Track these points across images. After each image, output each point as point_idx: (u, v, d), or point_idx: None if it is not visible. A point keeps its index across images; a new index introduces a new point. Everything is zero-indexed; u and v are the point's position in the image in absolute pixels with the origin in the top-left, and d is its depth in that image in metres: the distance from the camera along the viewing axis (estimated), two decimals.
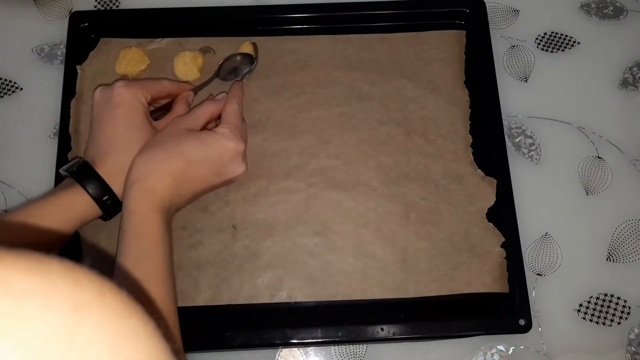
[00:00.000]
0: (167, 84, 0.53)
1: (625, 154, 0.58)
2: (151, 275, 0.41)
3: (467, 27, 0.60)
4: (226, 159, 0.48)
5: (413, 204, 0.53)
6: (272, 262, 0.51)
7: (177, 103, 0.53)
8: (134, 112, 0.48)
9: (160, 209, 0.43)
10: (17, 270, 0.17)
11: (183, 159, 0.46)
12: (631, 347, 0.51)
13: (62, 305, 0.17)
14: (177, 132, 0.48)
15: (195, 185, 0.47)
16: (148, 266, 0.41)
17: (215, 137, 0.48)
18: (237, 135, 0.49)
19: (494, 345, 0.52)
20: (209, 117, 0.51)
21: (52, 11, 0.62)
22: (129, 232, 0.42)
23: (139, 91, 0.49)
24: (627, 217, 0.55)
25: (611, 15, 0.63)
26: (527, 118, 0.59)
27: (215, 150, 0.47)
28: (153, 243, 0.42)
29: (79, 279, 0.18)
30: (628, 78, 0.61)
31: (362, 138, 0.55)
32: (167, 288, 0.41)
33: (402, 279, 0.51)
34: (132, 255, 0.41)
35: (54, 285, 0.17)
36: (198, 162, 0.47)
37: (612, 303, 0.53)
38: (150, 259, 0.42)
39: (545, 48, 0.62)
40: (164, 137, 0.48)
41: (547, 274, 0.54)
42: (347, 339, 0.49)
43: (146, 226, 0.42)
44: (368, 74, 0.57)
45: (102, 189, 0.45)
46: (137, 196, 0.43)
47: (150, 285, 0.40)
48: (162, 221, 0.43)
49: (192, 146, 0.47)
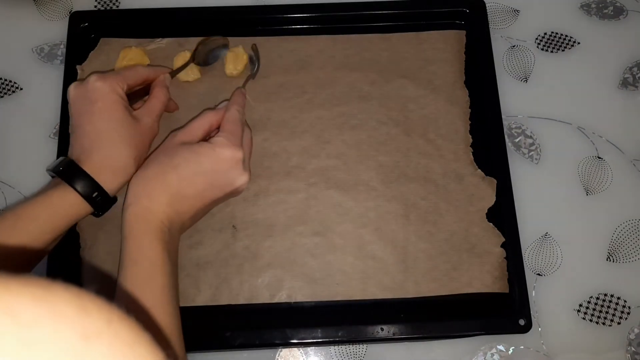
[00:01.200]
0: (142, 70, 0.52)
1: (625, 154, 0.58)
2: (151, 300, 0.40)
3: (467, 27, 0.60)
4: (223, 169, 0.46)
5: (413, 204, 0.53)
6: (272, 262, 0.51)
7: (155, 87, 0.52)
8: (113, 105, 0.47)
9: (156, 231, 0.42)
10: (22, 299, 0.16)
11: (175, 174, 0.44)
12: (631, 347, 0.51)
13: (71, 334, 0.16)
14: (170, 147, 0.47)
15: (194, 201, 0.45)
16: (147, 291, 0.40)
17: (208, 147, 0.45)
18: (233, 142, 0.46)
19: (494, 345, 0.52)
20: (207, 128, 0.49)
21: (52, 11, 0.62)
22: (126, 257, 0.41)
23: (114, 83, 0.48)
24: (627, 217, 0.55)
25: (611, 15, 0.63)
26: (527, 118, 0.59)
27: (209, 162, 0.45)
28: (150, 268, 0.41)
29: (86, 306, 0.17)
30: (628, 78, 0.61)
31: (362, 138, 0.55)
32: (167, 311, 0.40)
33: (402, 279, 0.51)
34: (130, 280, 0.40)
35: (61, 314, 0.17)
36: (191, 175, 0.45)
37: (612, 303, 0.53)
38: (149, 284, 0.40)
39: (545, 48, 0.62)
40: (157, 154, 0.47)
41: (547, 274, 0.54)
42: (347, 339, 0.49)
43: (143, 251, 0.41)
44: (368, 74, 0.57)
45: (90, 186, 0.45)
46: (131, 219, 0.42)
47: (150, 309, 0.39)
48: (159, 244, 0.41)
49: (183, 159, 0.45)
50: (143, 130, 0.49)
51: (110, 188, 0.46)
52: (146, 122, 0.49)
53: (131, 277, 0.40)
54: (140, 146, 0.48)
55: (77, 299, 0.17)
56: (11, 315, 0.16)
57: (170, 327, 0.40)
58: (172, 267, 0.43)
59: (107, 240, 0.51)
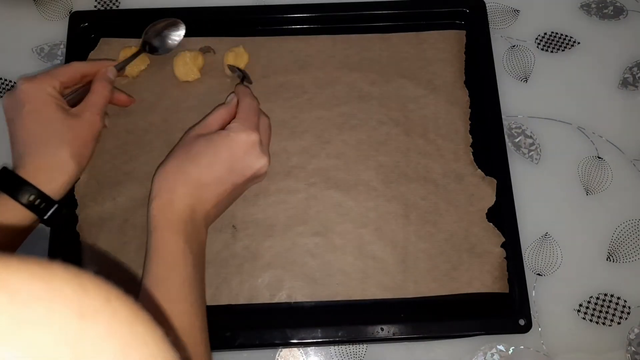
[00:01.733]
0: (78, 65, 0.51)
1: (625, 154, 0.58)
2: (171, 293, 0.40)
3: (467, 27, 0.60)
4: (239, 153, 0.46)
5: (413, 204, 0.53)
6: (272, 262, 0.51)
7: (95, 81, 0.51)
8: (42, 105, 0.47)
9: (178, 222, 0.42)
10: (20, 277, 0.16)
11: (194, 164, 0.45)
12: (631, 347, 0.51)
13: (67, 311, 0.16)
14: (188, 141, 0.47)
15: (215, 189, 0.45)
16: (168, 284, 0.41)
17: (223, 134, 0.46)
18: (248, 126, 0.47)
19: (494, 345, 0.52)
20: (221, 122, 0.49)
21: (52, 11, 0.63)
22: (149, 251, 0.42)
23: (43, 82, 0.47)
24: (627, 217, 0.55)
25: (611, 15, 0.63)
26: (527, 118, 0.59)
27: (225, 148, 0.46)
28: (171, 261, 0.41)
29: (84, 285, 0.17)
30: (628, 78, 0.61)
31: (362, 138, 0.55)
32: (189, 304, 0.40)
33: (402, 279, 0.51)
34: (152, 273, 0.41)
35: (58, 291, 0.17)
36: (210, 163, 0.45)
37: (612, 303, 0.53)
38: (169, 277, 0.41)
39: (545, 48, 0.62)
40: (175, 150, 0.47)
41: (547, 274, 0.54)
42: (347, 338, 0.49)
43: (165, 244, 0.42)
44: (368, 74, 0.57)
45: (28, 192, 0.44)
46: (154, 213, 0.43)
47: (170, 303, 0.39)
48: (180, 236, 0.42)
49: (200, 149, 0.46)
50: (81, 126, 0.48)
51: (52, 190, 0.45)
52: (85, 117, 0.48)
53: (153, 270, 0.41)
54: (79, 143, 0.47)
55: (75, 277, 0.17)
56: (8, 292, 0.16)
57: (189, 319, 0.40)
58: (195, 259, 0.43)
59: (108, 240, 0.51)
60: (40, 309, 0.16)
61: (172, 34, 0.56)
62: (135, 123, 0.55)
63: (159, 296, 0.39)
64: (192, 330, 0.39)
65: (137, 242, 0.51)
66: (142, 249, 0.43)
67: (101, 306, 0.17)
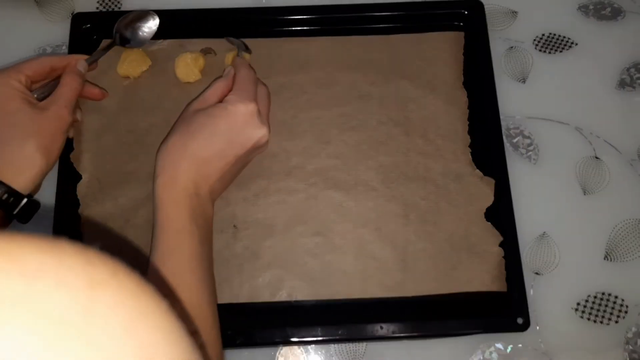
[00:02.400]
0: (46, 58, 0.51)
1: (622, 154, 0.58)
2: (178, 267, 0.41)
3: (466, 29, 0.61)
4: (238, 124, 0.47)
5: (413, 204, 0.53)
6: (272, 261, 0.52)
7: (65, 74, 0.50)
8: (7, 99, 0.46)
9: (183, 198, 0.43)
10: (28, 250, 0.17)
11: (194, 139, 0.45)
12: (629, 346, 0.52)
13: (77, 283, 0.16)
14: (187, 116, 0.48)
15: (217, 162, 0.46)
16: (173, 259, 0.42)
17: (220, 107, 0.47)
18: (245, 97, 0.47)
19: (492, 343, 0.52)
20: (219, 95, 0.49)
21: (54, 12, 0.63)
22: (155, 228, 0.43)
23: (9, 76, 0.47)
24: (624, 217, 0.56)
25: (609, 16, 0.64)
26: (525, 118, 0.59)
27: (223, 120, 0.46)
28: (177, 237, 0.42)
29: (91, 259, 0.18)
30: (625, 79, 0.61)
31: (362, 138, 0.56)
32: (196, 278, 0.41)
33: (402, 278, 0.51)
34: (159, 249, 0.42)
35: (67, 265, 0.17)
36: (209, 137, 0.46)
37: (610, 302, 0.53)
38: (174, 253, 0.42)
39: (543, 49, 0.62)
40: (176, 126, 0.48)
41: (545, 273, 0.54)
42: (347, 337, 0.49)
43: (169, 220, 0.43)
44: (368, 75, 0.58)
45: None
46: (159, 190, 0.44)
47: (177, 277, 0.40)
48: (185, 211, 0.43)
49: (199, 124, 0.46)
50: (48, 119, 0.47)
51: (20, 185, 0.45)
52: (52, 110, 0.48)
53: (159, 246, 0.42)
54: (46, 136, 0.47)
55: (82, 252, 0.18)
56: (17, 263, 0.16)
57: (197, 293, 0.41)
58: (202, 234, 0.43)
59: (108, 240, 0.51)
60: (51, 280, 0.16)
61: (144, 26, 0.56)
62: (136, 123, 0.55)
63: (165, 271, 0.40)
64: (200, 304, 0.40)
65: (138, 243, 0.51)
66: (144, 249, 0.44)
67: (108, 278, 0.17)
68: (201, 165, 0.45)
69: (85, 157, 0.54)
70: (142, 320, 0.17)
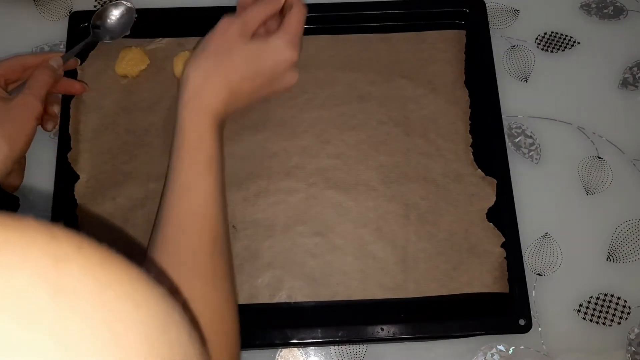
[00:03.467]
0: (19, 57, 0.51)
1: (625, 154, 0.58)
2: (203, 195, 0.42)
3: (467, 27, 0.60)
4: (281, 70, 0.47)
5: (413, 204, 0.53)
6: (272, 262, 0.51)
7: (38, 69, 0.51)
8: None
9: (215, 126, 0.44)
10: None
11: (237, 73, 0.46)
12: (631, 347, 0.51)
13: (42, 256, 0.16)
14: (228, 40, 0.46)
15: (248, 98, 0.48)
16: (201, 186, 0.42)
17: (270, 50, 0.46)
18: (295, 45, 0.47)
19: (494, 345, 0.52)
20: (263, 19, 0.48)
21: (52, 11, 0.62)
22: (182, 148, 0.43)
23: None
24: (627, 217, 0.55)
25: (611, 15, 0.63)
26: (527, 118, 0.59)
27: (269, 64, 0.46)
28: (207, 162, 0.43)
29: (55, 234, 0.17)
30: (628, 78, 0.61)
31: (362, 138, 0.55)
32: (218, 209, 0.43)
33: (402, 279, 0.51)
34: (185, 173, 0.42)
35: (31, 239, 0.17)
36: (252, 74, 0.46)
37: (612, 303, 0.53)
38: (203, 178, 0.43)
39: (545, 48, 0.62)
40: (215, 46, 0.46)
41: (547, 274, 0.54)
42: (347, 339, 0.49)
43: (201, 145, 0.43)
44: (368, 74, 0.57)
45: None
46: (192, 114, 0.44)
47: (202, 206, 0.41)
48: (216, 140, 0.44)
49: (245, 59, 0.46)
50: (15, 108, 0.48)
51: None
52: (19, 99, 0.48)
53: (186, 171, 0.42)
54: (12, 125, 0.47)
55: (46, 227, 0.18)
56: None
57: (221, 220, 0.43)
58: (223, 160, 0.45)
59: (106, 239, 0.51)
60: (16, 255, 0.16)
61: (120, 17, 0.56)
62: (135, 123, 0.55)
63: (188, 198, 0.42)
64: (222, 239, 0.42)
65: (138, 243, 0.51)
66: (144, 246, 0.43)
67: (74, 252, 0.17)
68: (236, 97, 0.46)
69: (83, 157, 0.54)
70: (110, 288, 0.17)
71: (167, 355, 0.18)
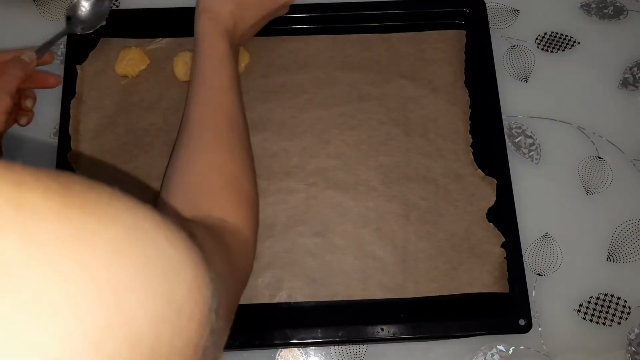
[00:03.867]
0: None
1: (625, 154, 0.58)
2: (219, 84, 0.47)
3: (467, 27, 0.60)
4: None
5: (413, 204, 0.53)
6: (272, 262, 0.51)
7: (8, 63, 0.51)
8: None
9: (225, 32, 0.49)
10: None
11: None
12: (631, 347, 0.51)
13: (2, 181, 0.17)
14: None
15: (256, 10, 0.53)
16: (216, 78, 0.47)
17: None
18: None
19: (494, 345, 0.52)
20: None
21: (51, 11, 0.62)
22: (199, 53, 0.49)
23: None
24: (627, 217, 0.55)
25: (611, 15, 0.63)
26: (527, 118, 0.59)
27: None
28: (219, 59, 0.48)
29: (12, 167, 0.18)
30: (628, 78, 0.61)
31: (362, 138, 0.55)
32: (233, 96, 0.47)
33: (402, 279, 0.51)
34: (202, 70, 0.48)
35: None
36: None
37: (612, 303, 0.53)
38: (218, 72, 0.47)
39: (545, 48, 0.62)
40: None
41: (547, 274, 0.54)
42: (347, 339, 0.49)
43: (214, 46, 0.48)
44: (368, 74, 0.57)
45: None
46: (204, 23, 0.49)
47: (218, 93, 0.47)
48: (227, 42, 0.49)
49: None
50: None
51: None
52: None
53: (202, 67, 0.48)
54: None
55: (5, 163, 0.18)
56: None
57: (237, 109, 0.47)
58: (236, 64, 0.50)
59: None
60: None
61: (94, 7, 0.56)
62: (135, 123, 0.55)
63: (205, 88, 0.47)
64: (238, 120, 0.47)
65: None
66: None
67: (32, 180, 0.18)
68: (243, 9, 0.51)
69: (84, 157, 0.54)
70: (73, 209, 0.18)
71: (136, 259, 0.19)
